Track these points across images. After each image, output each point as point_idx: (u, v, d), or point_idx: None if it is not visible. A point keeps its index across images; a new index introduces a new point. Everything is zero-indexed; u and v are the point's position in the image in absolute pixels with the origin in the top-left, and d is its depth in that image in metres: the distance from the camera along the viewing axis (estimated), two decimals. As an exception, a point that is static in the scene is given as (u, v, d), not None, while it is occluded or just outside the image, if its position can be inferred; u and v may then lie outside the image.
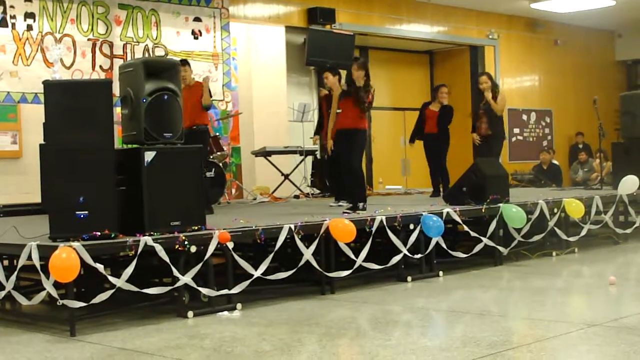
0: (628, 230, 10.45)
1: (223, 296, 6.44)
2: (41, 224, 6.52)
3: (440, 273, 8.02)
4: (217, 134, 11.54)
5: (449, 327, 5.88)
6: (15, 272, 6.13)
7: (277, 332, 5.67)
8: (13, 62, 10.18)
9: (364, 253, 7.31)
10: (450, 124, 11.00)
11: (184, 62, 9.55)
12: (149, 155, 6.26)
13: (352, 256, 7.24)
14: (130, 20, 11.21)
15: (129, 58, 11.02)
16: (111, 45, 11.02)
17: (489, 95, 10.28)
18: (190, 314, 6.20)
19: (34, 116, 10.37)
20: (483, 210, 8.53)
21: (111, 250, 6.12)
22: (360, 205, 8.40)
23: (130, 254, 5.91)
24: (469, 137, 10.84)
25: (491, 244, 8.53)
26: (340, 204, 9.21)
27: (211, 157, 10.39)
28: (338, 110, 8.88)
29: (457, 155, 11.94)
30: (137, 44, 11.24)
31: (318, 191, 12.15)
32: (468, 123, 11.18)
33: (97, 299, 5.81)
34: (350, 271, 7.24)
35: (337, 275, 7.18)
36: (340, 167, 9.14)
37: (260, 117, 13.68)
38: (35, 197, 8.77)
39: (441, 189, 10.78)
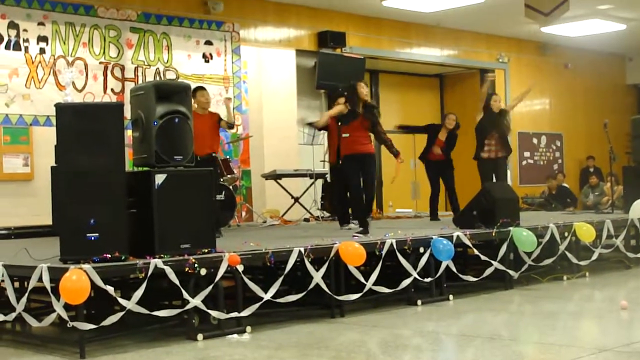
0: (639, 255, 10.39)
1: (233, 319, 6.43)
2: (52, 246, 6.54)
3: (451, 297, 7.98)
4: (228, 157, 11.57)
5: (460, 351, 5.85)
6: (26, 294, 6.14)
7: (287, 355, 5.65)
8: (26, 85, 10.26)
9: (374, 276, 7.29)
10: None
11: (203, 89, 9.58)
12: (159, 178, 6.28)
13: (362, 279, 7.22)
14: (141, 43, 11.28)
15: (140, 81, 11.08)
16: (122, 69, 11.09)
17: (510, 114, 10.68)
18: (200, 336, 6.19)
19: (45, 139, 10.42)
20: (493, 234, 8.51)
21: (121, 273, 6.14)
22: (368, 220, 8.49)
23: (141, 277, 5.92)
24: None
25: (502, 267, 8.49)
26: (349, 227, 9.19)
27: (221, 180, 10.41)
28: (345, 135, 8.88)
29: (464, 179, 11.93)
30: (148, 67, 11.31)
31: (328, 214, 12.14)
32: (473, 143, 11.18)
33: (107, 321, 5.81)
34: (360, 294, 7.21)
35: (347, 299, 7.16)
36: (346, 191, 9.15)
37: (271, 140, 13.71)
38: (47, 219, 8.78)
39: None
